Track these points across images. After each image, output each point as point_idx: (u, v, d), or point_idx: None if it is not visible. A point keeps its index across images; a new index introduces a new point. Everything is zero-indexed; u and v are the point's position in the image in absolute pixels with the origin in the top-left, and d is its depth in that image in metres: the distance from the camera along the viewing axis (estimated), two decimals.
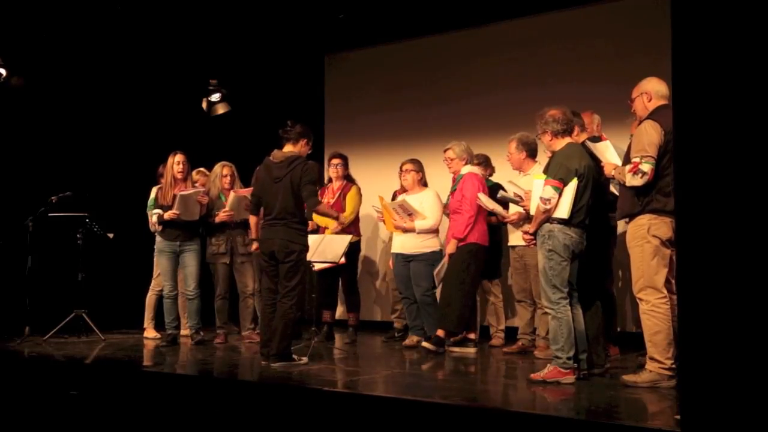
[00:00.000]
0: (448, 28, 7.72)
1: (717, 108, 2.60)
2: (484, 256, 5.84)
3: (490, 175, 6.42)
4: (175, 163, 6.39)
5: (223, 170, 6.70)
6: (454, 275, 5.75)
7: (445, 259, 5.83)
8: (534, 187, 4.62)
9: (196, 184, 6.64)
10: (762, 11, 2.50)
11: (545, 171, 4.58)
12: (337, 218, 5.80)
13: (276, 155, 5.23)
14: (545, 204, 4.41)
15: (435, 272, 5.92)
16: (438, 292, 6.02)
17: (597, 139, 5.03)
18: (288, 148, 5.25)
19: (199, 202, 6.34)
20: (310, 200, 5.12)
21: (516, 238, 5.89)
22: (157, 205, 6.42)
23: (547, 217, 4.44)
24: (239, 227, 6.56)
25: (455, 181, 5.97)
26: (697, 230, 2.62)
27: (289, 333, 5.15)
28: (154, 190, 6.89)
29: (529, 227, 4.62)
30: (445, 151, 6.03)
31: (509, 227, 6.02)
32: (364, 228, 7.61)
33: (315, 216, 6.59)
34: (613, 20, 6.84)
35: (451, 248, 5.78)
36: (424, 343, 5.80)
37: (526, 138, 5.75)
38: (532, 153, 5.81)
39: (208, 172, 6.86)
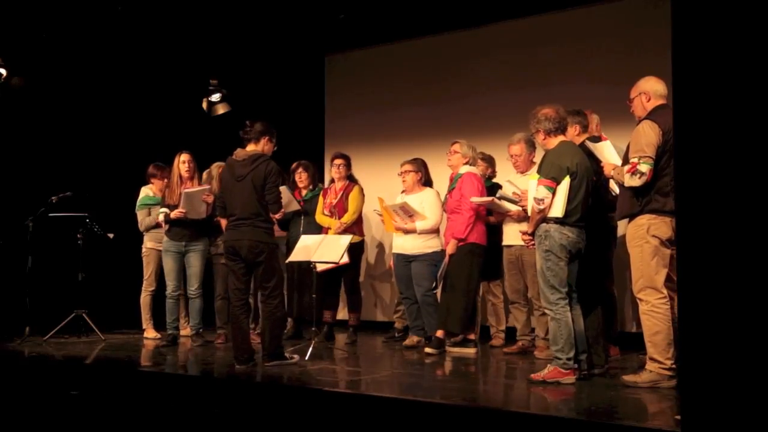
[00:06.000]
0: (448, 28, 7.71)
1: (717, 107, 2.59)
2: (483, 255, 5.83)
3: (492, 175, 6.41)
4: (181, 162, 6.40)
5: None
6: (456, 277, 5.73)
7: (446, 260, 5.81)
8: (529, 188, 4.63)
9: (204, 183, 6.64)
10: (762, 10, 2.50)
11: (538, 171, 4.58)
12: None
13: (239, 154, 5.18)
14: (539, 204, 4.42)
15: (438, 275, 5.88)
16: (438, 292, 6.01)
17: (597, 139, 5.02)
18: (251, 147, 5.18)
19: (204, 201, 6.33)
20: (274, 207, 5.12)
21: (511, 237, 5.87)
22: (163, 204, 6.42)
23: (543, 217, 4.44)
24: None
25: (452, 180, 5.96)
26: (698, 230, 2.62)
27: (278, 332, 5.19)
28: (143, 190, 6.90)
29: (527, 227, 4.63)
30: (452, 143, 5.99)
31: (504, 227, 6.00)
32: (367, 228, 7.59)
33: (318, 217, 6.61)
34: (614, 20, 6.83)
35: (451, 249, 5.76)
36: (427, 349, 5.78)
37: (528, 137, 5.69)
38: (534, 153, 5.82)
39: None
